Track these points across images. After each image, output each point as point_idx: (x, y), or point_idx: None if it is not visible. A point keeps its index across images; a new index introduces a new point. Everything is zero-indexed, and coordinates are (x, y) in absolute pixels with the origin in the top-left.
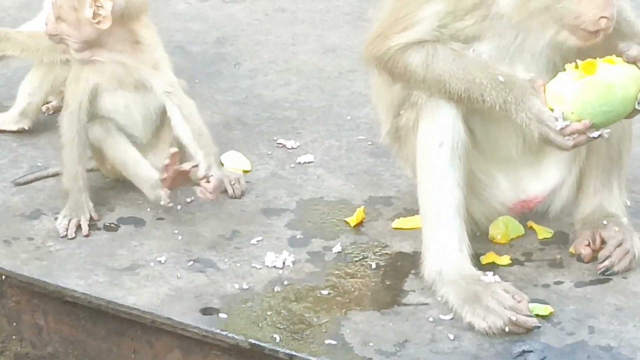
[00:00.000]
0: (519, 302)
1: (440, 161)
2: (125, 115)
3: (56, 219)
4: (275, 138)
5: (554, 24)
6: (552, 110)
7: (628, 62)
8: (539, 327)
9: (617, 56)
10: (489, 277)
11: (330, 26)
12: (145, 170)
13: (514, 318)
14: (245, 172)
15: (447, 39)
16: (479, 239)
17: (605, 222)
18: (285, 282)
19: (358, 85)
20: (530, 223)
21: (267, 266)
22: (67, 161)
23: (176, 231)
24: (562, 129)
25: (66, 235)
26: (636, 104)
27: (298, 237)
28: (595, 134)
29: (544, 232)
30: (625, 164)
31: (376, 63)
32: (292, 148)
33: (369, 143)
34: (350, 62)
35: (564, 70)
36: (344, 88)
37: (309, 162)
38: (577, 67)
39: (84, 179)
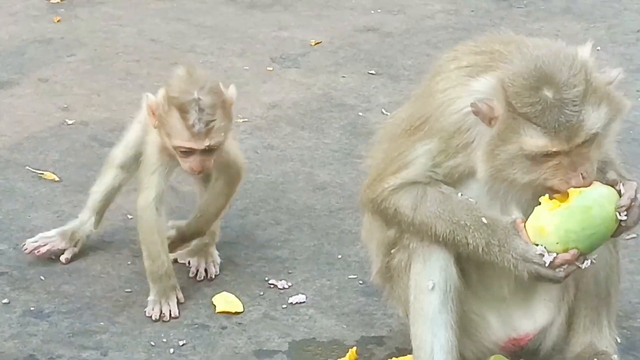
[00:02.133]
0: None
1: (432, 305)
2: None
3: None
4: (266, 278)
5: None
6: (536, 245)
7: (606, 184)
8: None
9: None
10: None
11: (320, 163)
12: None
13: None
14: (237, 313)
15: (441, 179)
16: None
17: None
18: None
19: (348, 223)
20: None
21: None
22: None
23: None
24: (550, 263)
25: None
26: (618, 214)
27: None
28: (586, 263)
29: None
30: (614, 301)
31: (371, 206)
32: (284, 288)
33: (360, 282)
34: (340, 200)
35: (539, 203)
36: (334, 226)
37: (301, 303)
38: (550, 198)
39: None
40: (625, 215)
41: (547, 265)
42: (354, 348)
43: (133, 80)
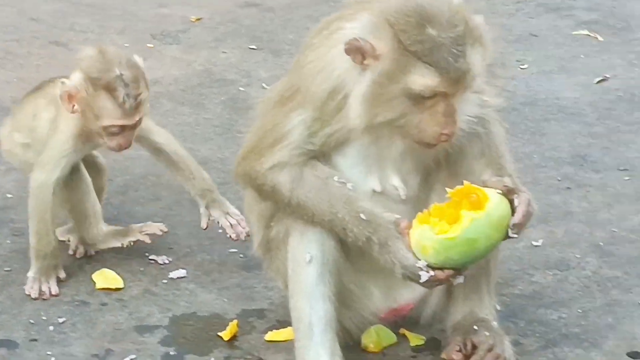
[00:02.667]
0: None
1: (309, 277)
2: None
3: None
4: (146, 254)
5: (401, 135)
6: (414, 252)
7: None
8: None
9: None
10: None
11: (200, 139)
12: None
13: None
14: (118, 289)
15: (317, 149)
16: (352, 349)
17: (476, 327)
18: None
19: (229, 198)
20: (403, 330)
21: None
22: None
23: (49, 352)
24: (426, 280)
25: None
26: (509, 230)
27: (172, 353)
28: (459, 280)
29: (416, 339)
30: (493, 269)
31: (247, 179)
32: (164, 263)
33: (241, 256)
34: (222, 174)
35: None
36: None
37: (182, 277)
38: (438, 212)
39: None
40: (516, 234)
41: (422, 281)
42: (235, 321)
43: (12, 60)
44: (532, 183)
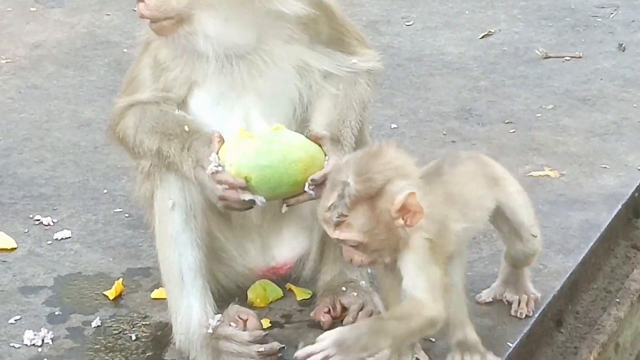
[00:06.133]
0: (251, 327)
1: (174, 224)
2: None
3: None
4: (31, 215)
5: None
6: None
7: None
8: (283, 347)
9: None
10: (212, 322)
11: (85, 101)
12: None
13: (261, 349)
14: (13, 249)
15: (166, 95)
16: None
17: (344, 288)
18: None
19: (114, 158)
20: (289, 285)
21: (26, 345)
22: None
23: None
24: (213, 173)
25: None
26: (307, 186)
27: (57, 313)
28: (247, 196)
29: (302, 294)
30: None
31: (110, 133)
32: (49, 225)
33: (126, 215)
34: (105, 136)
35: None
36: (100, 162)
37: (67, 238)
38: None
39: None
40: (312, 191)
41: (209, 173)
42: (120, 280)
43: None
44: (417, 137)
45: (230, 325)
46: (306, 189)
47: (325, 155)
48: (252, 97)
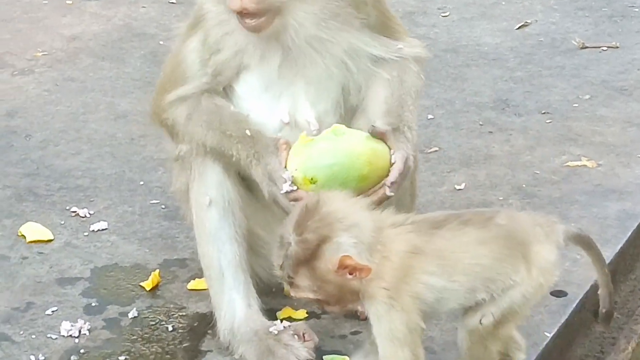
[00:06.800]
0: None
1: (212, 220)
2: None
3: None
4: (68, 207)
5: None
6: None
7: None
8: None
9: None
10: (278, 325)
11: (121, 93)
12: None
13: None
14: (50, 241)
15: (213, 79)
16: (275, 295)
17: None
18: (82, 351)
19: (150, 150)
20: None
21: (63, 336)
22: None
23: None
24: (287, 192)
25: None
26: (387, 190)
27: (93, 304)
28: None
29: None
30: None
31: (155, 118)
32: (86, 216)
33: (163, 207)
34: (142, 127)
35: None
36: (136, 153)
37: (103, 230)
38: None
39: None
40: (392, 192)
41: (282, 192)
42: (157, 271)
43: None
44: (453, 128)
45: (294, 336)
46: (388, 193)
47: (390, 149)
48: (302, 83)
